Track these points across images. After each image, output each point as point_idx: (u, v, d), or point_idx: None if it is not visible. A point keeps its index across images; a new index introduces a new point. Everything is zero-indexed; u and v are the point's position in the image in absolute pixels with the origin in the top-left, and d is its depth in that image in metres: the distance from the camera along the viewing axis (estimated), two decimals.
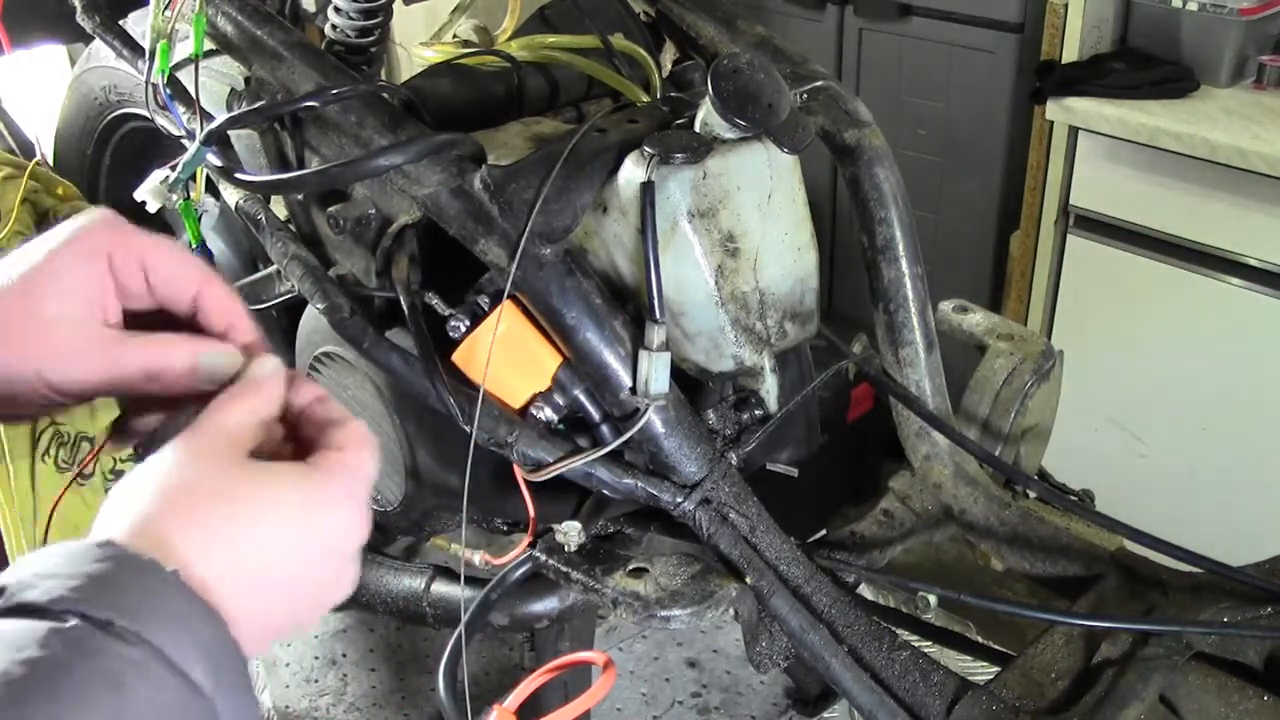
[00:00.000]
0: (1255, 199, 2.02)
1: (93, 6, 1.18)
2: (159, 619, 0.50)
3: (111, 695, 0.47)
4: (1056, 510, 1.05)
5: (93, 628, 0.49)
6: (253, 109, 0.97)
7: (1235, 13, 2.11)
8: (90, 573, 0.51)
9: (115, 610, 0.49)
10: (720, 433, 0.93)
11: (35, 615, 0.49)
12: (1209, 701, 0.86)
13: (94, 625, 0.49)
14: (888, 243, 1.05)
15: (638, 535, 0.94)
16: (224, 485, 0.57)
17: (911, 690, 0.87)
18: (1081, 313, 2.35)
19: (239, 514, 0.56)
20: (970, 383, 1.12)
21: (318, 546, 0.59)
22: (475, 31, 1.20)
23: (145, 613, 0.50)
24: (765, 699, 1.86)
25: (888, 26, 2.50)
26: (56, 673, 0.47)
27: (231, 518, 0.56)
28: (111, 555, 0.52)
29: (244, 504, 0.57)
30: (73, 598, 0.49)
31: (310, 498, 0.59)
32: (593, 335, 0.83)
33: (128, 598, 0.50)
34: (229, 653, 0.53)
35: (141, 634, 0.49)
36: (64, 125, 1.51)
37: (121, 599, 0.50)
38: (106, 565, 0.51)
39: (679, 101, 0.96)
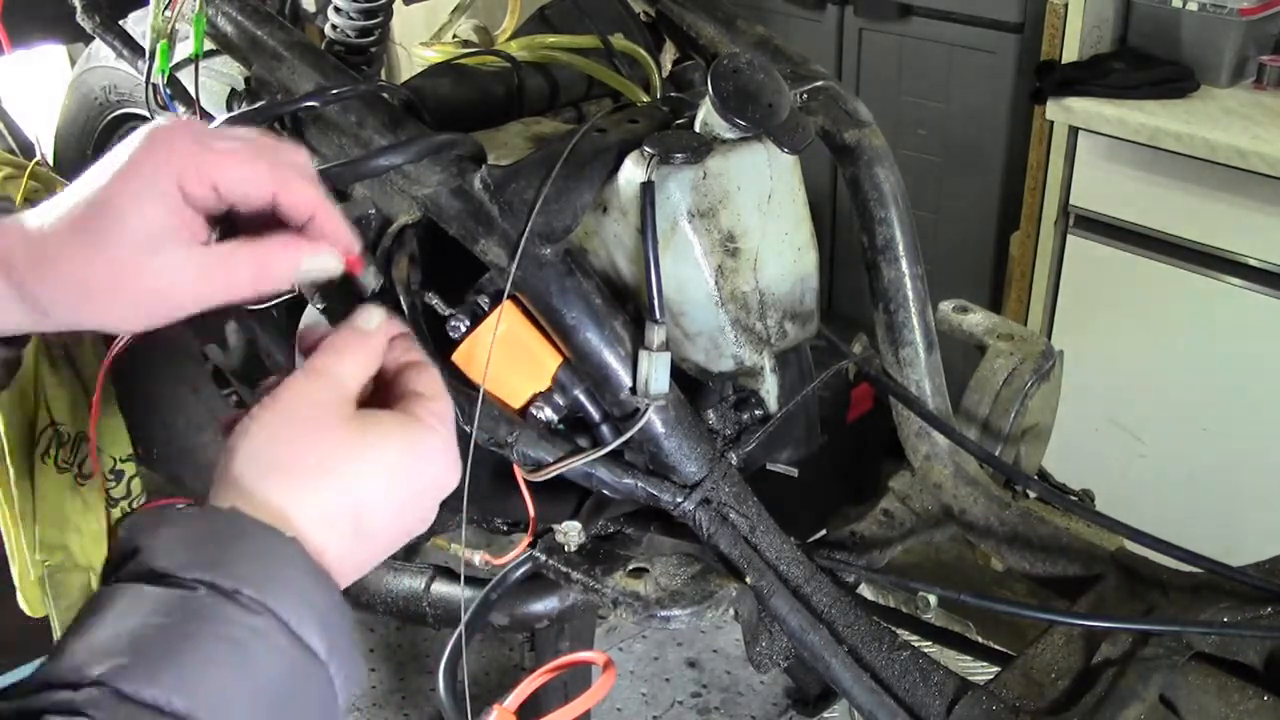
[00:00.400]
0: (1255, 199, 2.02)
1: (93, 6, 1.18)
2: (279, 588, 0.52)
3: (235, 660, 0.50)
4: (1056, 510, 1.05)
5: (220, 596, 0.51)
6: (253, 109, 0.97)
7: (1235, 13, 2.11)
8: (217, 542, 0.53)
9: (240, 579, 0.51)
10: (720, 433, 0.93)
11: (166, 582, 0.51)
12: (1209, 701, 0.86)
13: (221, 594, 0.51)
14: (888, 243, 1.05)
15: (638, 535, 0.94)
16: (336, 449, 0.59)
17: (911, 690, 0.87)
18: (1081, 313, 2.35)
19: (350, 479, 0.58)
20: (970, 383, 1.12)
21: (415, 494, 0.61)
22: (475, 31, 1.20)
23: (268, 582, 0.52)
24: (765, 699, 1.86)
25: (888, 26, 2.50)
26: (185, 638, 0.49)
27: (344, 483, 0.58)
28: (236, 524, 0.54)
29: (354, 466, 0.59)
30: (202, 566, 0.51)
31: (413, 449, 0.61)
32: (593, 335, 0.83)
33: (252, 567, 0.52)
34: (341, 618, 0.55)
35: (265, 603, 0.51)
36: (64, 125, 1.51)
37: (246, 568, 0.52)
38: (232, 534, 0.54)
39: (679, 101, 0.96)
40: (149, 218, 0.65)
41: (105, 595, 0.52)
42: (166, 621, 0.50)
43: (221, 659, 0.50)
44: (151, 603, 0.51)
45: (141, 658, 0.48)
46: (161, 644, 0.49)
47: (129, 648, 0.49)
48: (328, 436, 0.59)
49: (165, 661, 0.49)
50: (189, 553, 0.52)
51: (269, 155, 0.68)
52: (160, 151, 0.66)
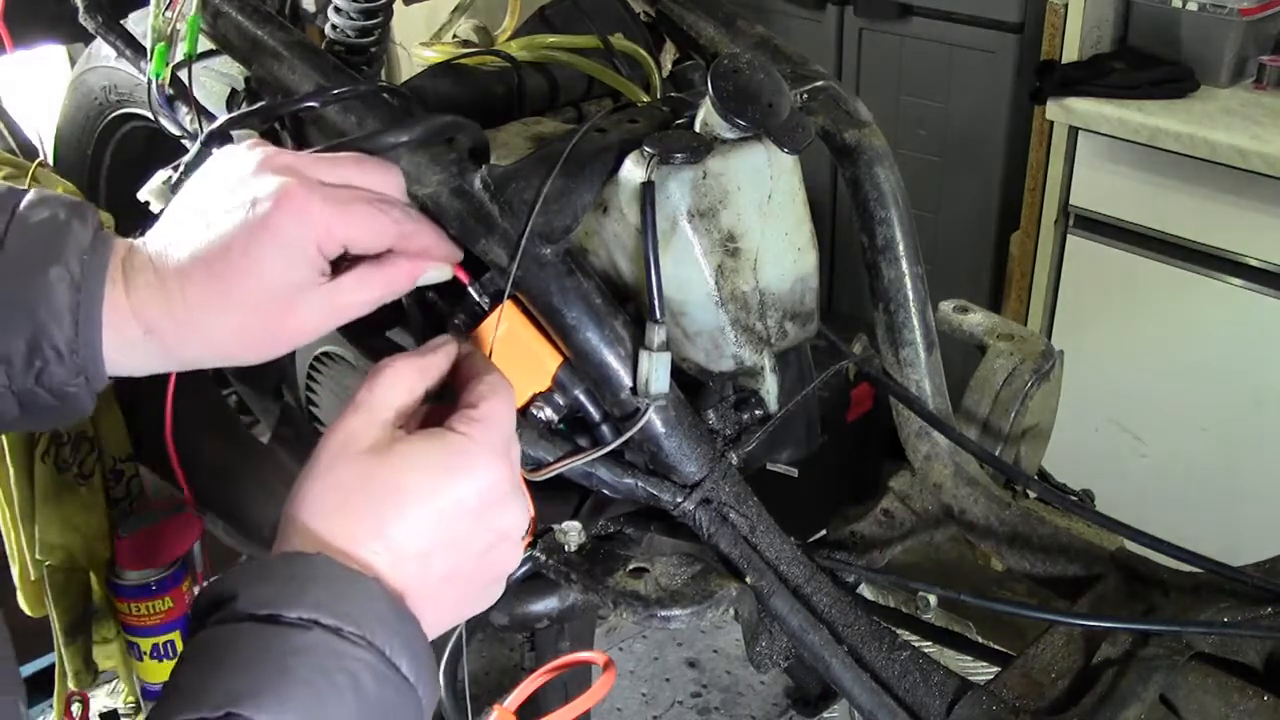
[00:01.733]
0: (1255, 199, 2.02)
1: (95, 6, 1.18)
2: (374, 622, 0.57)
3: (351, 688, 0.55)
4: (1056, 510, 1.05)
5: (329, 634, 0.56)
6: (252, 110, 0.97)
7: (1235, 13, 2.11)
8: (314, 584, 0.57)
9: (342, 617, 0.56)
10: (720, 433, 0.93)
11: (275, 622, 0.56)
12: (1209, 701, 0.86)
13: (329, 631, 0.56)
14: (888, 243, 1.05)
15: (638, 535, 0.94)
16: (374, 481, 0.62)
17: (911, 690, 0.87)
18: (1081, 313, 2.35)
19: (406, 510, 0.62)
20: (970, 383, 1.12)
21: (462, 507, 0.64)
22: (475, 31, 1.20)
23: (363, 618, 0.57)
24: (765, 699, 1.86)
25: (888, 26, 2.50)
26: (309, 671, 0.54)
27: (395, 513, 0.62)
28: (326, 568, 0.59)
29: (396, 498, 0.62)
30: (308, 607, 0.56)
31: (442, 464, 0.64)
32: (593, 335, 0.83)
33: (349, 606, 0.57)
34: (422, 645, 0.60)
35: (365, 637, 0.56)
36: (64, 125, 1.51)
37: (345, 607, 0.57)
38: (325, 577, 0.58)
39: (679, 101, 0.96)
40: (290, 277, 0.70)
41: (214, 639, 0.56)
42: (284, 657, 0.54)
43: (341, 688, 0.55)
44: (269, 641, 0.55)
45: (268, 690, 0.53)
46: (285, 676, 0.54)
47: (256, 682, 0.53)
48: (367, 470, 0.63)
49: (291, 691, 0.53)
50: (294, 597, 0.57)
51: (389, 211, 0.74)
52: (300, 215, 0.70)
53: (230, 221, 0.69)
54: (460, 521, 0.63)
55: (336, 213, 0.70)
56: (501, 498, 0.65)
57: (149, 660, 1.56)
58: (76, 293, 0.66)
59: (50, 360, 0.66)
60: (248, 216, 0.68)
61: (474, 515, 0.64)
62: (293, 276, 0.69)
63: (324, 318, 0.72)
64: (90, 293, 0.67)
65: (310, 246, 0.69)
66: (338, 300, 0.71)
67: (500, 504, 0.65)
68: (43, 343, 0.66)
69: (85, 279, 0.66)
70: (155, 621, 1.53)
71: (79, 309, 0.66)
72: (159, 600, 1.52)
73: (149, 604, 1.52)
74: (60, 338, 0.66)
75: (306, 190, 0.70)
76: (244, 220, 0.68)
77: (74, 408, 0.69)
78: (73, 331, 0.66)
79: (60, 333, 0.66)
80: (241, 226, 0.68)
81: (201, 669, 0.54)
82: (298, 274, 0.69)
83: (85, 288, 0.66)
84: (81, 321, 0.66)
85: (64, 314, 0.66)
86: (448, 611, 0.66)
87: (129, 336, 0.68)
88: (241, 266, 0.68)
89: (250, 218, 0.68)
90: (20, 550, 1.47)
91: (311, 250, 0.70)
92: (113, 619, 1.56)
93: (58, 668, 1.57)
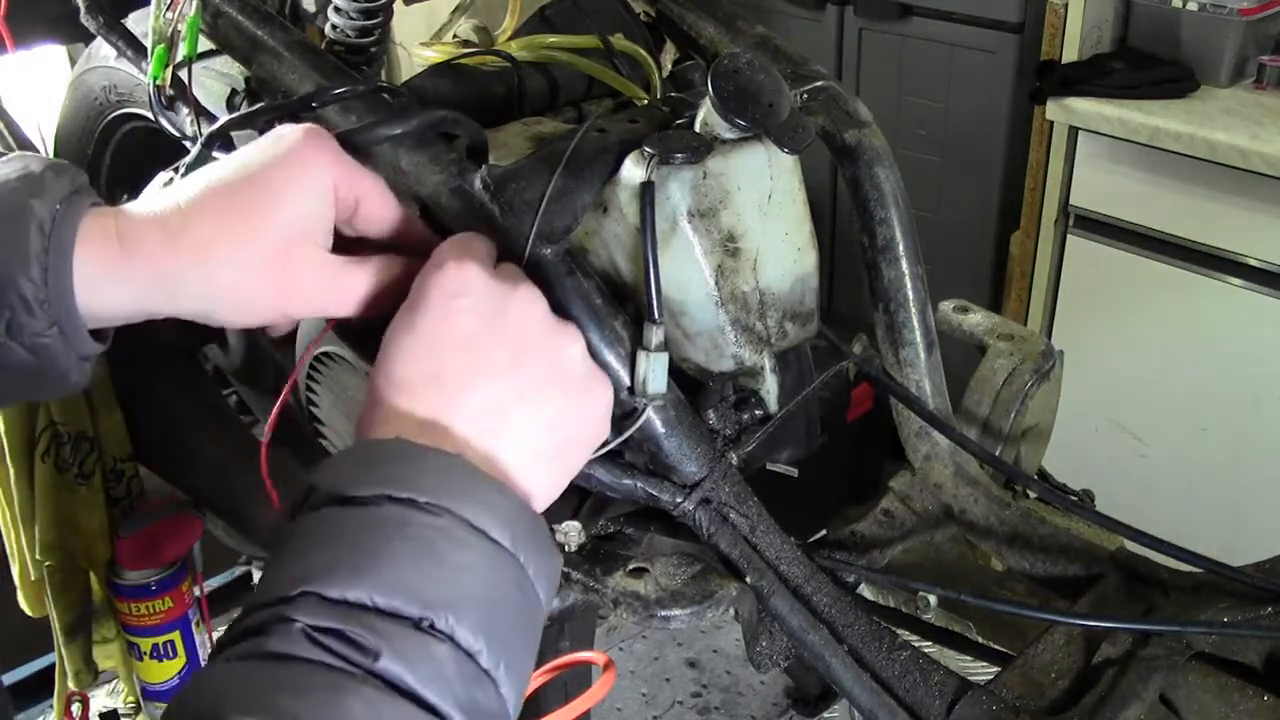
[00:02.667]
0: (1255, 199, 2.02)
1: (96, 7, 1.18)
2: (453, 491, 0.58)
3: (425, 555, 0.55)
4: (1057, 510, 1.05)
5: (402, 505, 0.56)
6: (252, 111, 0.97)
7: (1235, 13, 2.11)
8: (388, 463, 0.58)
9: (417, 490, 0.57)
10: (720, 433, 0.93)
11: (348, 503, 0.56)
12: (1209, 701, 0.86)
13: (401, 504, 0.56)
14: (888, 243, 1.05)
15: (638, 535, 0.94)
16: (451, 365, 0.64)
17: (912, 690, 0.87)
18: (1081, 313, 2.36)
19: (481, 381, 0.64)
20: (970, 383, 1.12)
21: (519, 350, 0.67)
22: (475, 31, 1.20)
23: (440, 488, 0.57)
24: (765, 699, 1.86)
25: (888, 26, 2.50)
26: (376, 543, 0.54)
27: (469, 382, 0.64)
28: (403, 448, 0.59)
29: (463, 371, 0.64)
30: (378, 484, 0.57)
31: (421, 297, 0.66)
32: (593, 335, 0.83)
33: (424, 480, 0.57)
34: (520, 515, 0.60)
35: (442, 505, 0.57)
36: (64, 125, 1.51)
37: (420, 481, 0.57)
38: (402, 456, 0.59)
39: (679, 101, 0.96)
40: (304, 205, 0.69)
41: (294, 528, 0.57)
42: (357, 533, 0.55)
43: (414, 556, 0.54)
44: (339, 521, 0.56)
45: (339, 566, 0.53)
46: (357, 551, 0.54)
47: (327, 560, 0.54)
48: (434, 347, 0.65)
49: (362, 565, 0.53)
50: (365, 476, 0.57)
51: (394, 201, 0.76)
52: (322, 149, 0.70)
53: (249, 154, 0.69)
54: (523, 365, 0.66)
55: (357, 168, 0.72)
56: (545, 323, 0.69)
57: (149, 660, 1.56)
58: (45, 238, 0.64)
59: (17, 308, 0.63)
60: (271, 149, 0.69)
61: (534, 353, 0.67)
62: (306, 206, 0.68)
63: (320, 287, 0.70)
64: (61, 239, 0.64)
65: (328, 183, 0.69)
66: (338, 276, 0.71)
67: (548, 330, 0.69)
68: (8, 291, 0.63)
69: (57, 226, 0.64)
70: (155, 621, 1.53)
71: (48, 255, 0.64)
72: (159, 600, 1.52)
73: (149, 604, 1.52)
74: (27, 286, 0.63)
75: (327, 134, 0.71)
76: (267, 150, 0.68)
77: (54, 367, 0.66)
78: (41, 278, 0.63)
79: (27, 281, 0.63)
80: (264, 156, 0.68)
81: (282, 556, 0.55)
82: (310, 205, 0.68)
83: (56, 234, 0.64)
84: (51, 268, 0.64)
85: (30, 260, 0.63)
86: (551, 462, 0.67)
87: (110, 268, 0.65)
88: (256, 186, 0.67)
89: (274, 149, 0.68)
90: (20, 550, 1.47)
91: (329, 189, 0.69)
92: (113, 619, 1.56)
93: (58, 668, 1.57)
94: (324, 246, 0.70)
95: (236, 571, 1.97)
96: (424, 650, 0.53)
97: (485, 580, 0.57)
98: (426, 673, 0.52)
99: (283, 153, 0.68)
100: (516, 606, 0.59)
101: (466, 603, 0.55)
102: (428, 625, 0.53)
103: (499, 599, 0.57)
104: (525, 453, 0.65)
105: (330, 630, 0.51)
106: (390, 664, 0.51)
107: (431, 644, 0.53)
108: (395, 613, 0.53)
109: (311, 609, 0.52)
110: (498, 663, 0.55)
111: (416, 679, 0.52)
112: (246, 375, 1.49)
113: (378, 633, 0.52)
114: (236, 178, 0.67)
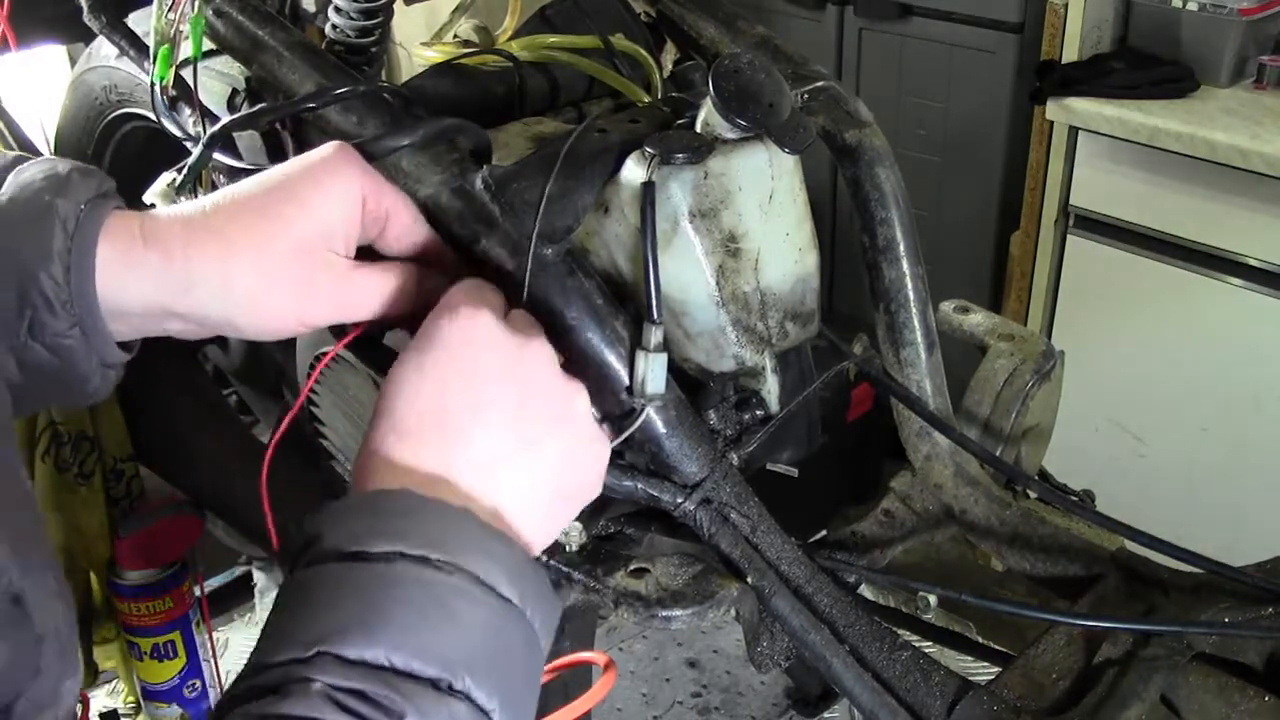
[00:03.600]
0: (1255, 199, 2.02)
1: (99, 6, 1.18)
2: (463, 548, 0.57)
3: (442, 615, 0.54)
4: (1057, 510, 1.05)
5: (415, 563, 0.55)
6: (252, 113, 0.97)
7: (1235, 13, 2.11)
8: (397, 518, 0.57)
9: (428, 546, 0.56)
10: (721, 433, 0.93)
11: (359, 559, 0.55)
12: (1209, 701, 0.86)
13: (414, 561, 0.55)
14: (888, 243, 1.05)
15: (639, 535, 0.94)
16: (456, 411, 0.63)
17: (912, 690, 0.87)
18: (1081, 313, 2.36)
19: (486, 427, 0.63)
20: (971, 383, 1.12)
21: (525, 404, 0.66)
22: (476, 31, 1.20)
23: (451, 544, 0.57)
24: (765, 699, 1.86)
25: (888, 26, 2.50)
26: (393, 603, 0.54)
27: (473, 433, 0.63)
28: (409, 501, 0.59)
29: (469, 418, 0.63)
30: (390, 540, 0.56)
31: (427, 339, 0.66)
32: (594, 335, 0.83)
33: (435, 535, 0.57)
34: (525, 568, 0.59)
35: (454, 562, 0.56)
36: (64, 125, 1.51)
37: (430, 537, 0.56)
38: (409, 510, 0.58)
39: (680, 101, 0.96)
40: (328, 212, 0.69)
41: (300, 584, 0.56)
42: (370, 591, 0.54)
43: (429, 616, 0.54)
44: (350, 578, 0.55)
45: (354, 626, 0.53)
46: (372, 611, 0.53)
47: (341, 620, 0.53)
48: (438, 395, 0.64)
49: (379, 625, 0.53)
50: (373, 530, 0.56)
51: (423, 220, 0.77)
52: (352, 162, 0.71)
53: (280, 168, 0.70)
54: (528, 415, 0.65)
55: (385, 183, 0.73)
56: (554, 375, 0.69)
57: (149, 660, 1.56)
58: (68, 237, 0.64)
59: (39, 306, 0.64)
60: (301, 161, 0.70)
61: (540, 404, 0.66)
62: (332, 213, 0.69)
63: (337, 289, 0.70)
64: (84, 237, 0.64)
65: (356, 193, 0.70)
66: (355, 280, 0.71)
67: (556, 382, 0.68)
68: (30, 289, 0.64)
69: (81, 225, 0.64)
70: (155, 621, 1.53)
71: (70, 254, 0.64)
72: (159, 600, 1.52)
73: (149, 604, 1.52)
74: (48, 283, 0.64)
75: (358, 153, 0.72)
76: (296, 163, 0.70)
77: (75, 370, 0.67)
78: (63, 276, 0.64)
79: (49, 278, 0.64)
80: (292, 167, 0.69)
81: (291, 612, 0.54)
82: (335, 219, 0.69)
83: (79, 233, 0.64)
84: (74, 266, 0.64)
85: (53, 257, 0.64)
86: (547, 514, 0.66)
87: (131, 260, 0.66)
88: (285, 191, 0.68)
89: (303, 161, 0.70)
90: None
91: (356, 199, 0.70)
92: (113, 619, 1.56)
93: None
94: (344, 254, 0.71)
95: (236, 571, 1.97)
96: (445, 711, 0.52)
97: (497, 639, 0.56)
98: None
99: (312, 164, 0.69)
100: (525, 662, 0.59)
101: (481, 663, 0.54)
102: (446, 686, 0.53)
103: (510, 657, 0.57)
104: (525, 502, 0.65)
105: (352, 691, 0.51)
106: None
107: (452, 704, 0.53)
108: (414, 674, 0.52)
109: (329, 669, 0.51)
110: (509, 719, 0.56)
111: None
112: (246, 375, 1.49)
113: (401, 693, 0.51)
114: (264, 185, 0.69)
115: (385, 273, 0.72)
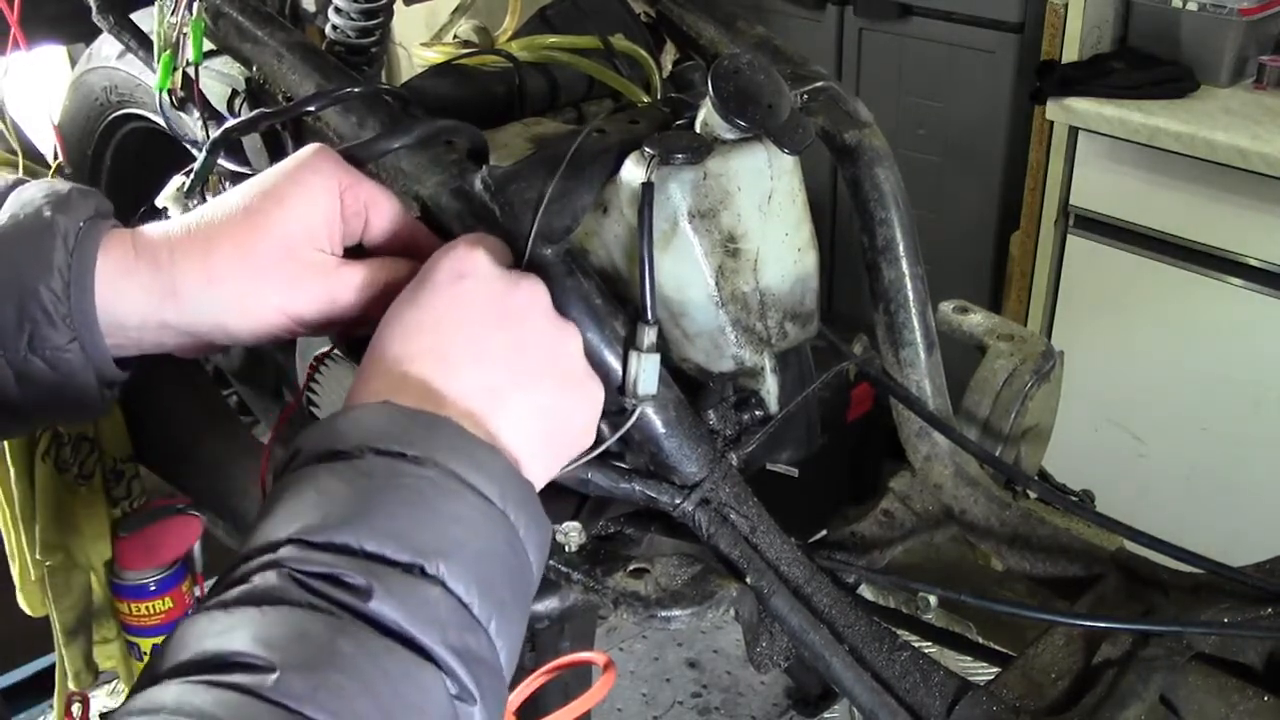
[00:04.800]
0: (1255, 199, 2.02)
1: (108, 6, 1.18)
2: (441, 447, 0.57)
3: (414, 503, 0.54)
4: (1056, 510, 1.05)
5: (388, 458, 0.56)
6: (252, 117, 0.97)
7: (1235, 13, 2.11)
8: (375, 422, 0.58)
9: (404, 444, 0.56)
10: (721, 433, 0.93)
11: (334, 458, 0.56)
12: (1209, 702, 0.86)
13: (388, 455, 0.56)
14: (888, 243, 1.05)
15: (638, 536, 0.94)
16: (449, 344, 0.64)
17: (912, 690, 0.87)
18: (1081, 313, 2.36)
19: (479, 362, 0.64)
20: (970, 383, 1.12)
21: (516, 331, 0.68)
22: (475, 32, 1.20)
23: (428, 443, 0.57)
24: (765, 699, 1.86)
25: (888, 26, 2.50)
26: (365, 492, 0.54)
27: (476, 369, 0.64)
28: (389, 410, 0.59)
29: (461, 351, 0.64)
30: (366, 438, 0.56)
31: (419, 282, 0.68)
32: (593, 335, 0.83)
33: (412, 435, 0.57)
34: (509, 475, 0.59)
35: (431, 458, 0.56)
36: (65, 125, 1.51)
37: (407, 437, 0.57)
38: (389, 415, 0.59)
39: (679, 102, 0.96)
40: (308, 208, 0.70)
41: (278, 486, 0.57)
42: (342, 484, 0.54)
43: (402, 503, 0.54)
44: (324, 475, 0.55)
45: (327, 515, 0.53)
46: (341, 500, 0.54)
47: (314, 509, 0.53)
48: (434, 317, 0.65)
49: (349, 513, 0.53)
50: (351, 433, 0.57)
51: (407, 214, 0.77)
52: (330, 161, 0.72)
53: (263, 175, 0.71)
54: (520, 351, 0.66)
55: (362, 177, 0.74)
56: (548, 315, 0.70)
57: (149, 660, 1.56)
58: (68, 252, 0.65)
59: (39, 320, 0.65)
60: (280, 166, 0.71)
61: (533, 341, 0.68)
62: (312, 213, 0.70)
63: (323, 284, 0.71)
64: (84, 252, 0.66)
65: (334, 187, 0.71)
66: (342, 274, 0.71)
67: (549, 322, 0.70)
68: (30, 303, 0.65)
69: (80, 240, 0.66)
70: (155, 621, 1.53)
71: (70, 269, 0.65)
72: (159, 600, 1.52)
73: (149, 604, 1.52)
74: (48, 297, 0.65)
75: (335, 153, 0.74)
76: (276, 168, 0.71)
77: (73, 385, 0.67)
78: (63, 290, 0.65)
79: (48, 291, 0.65)
80: (273, 172, 0.71)
81: (266, 512, 0.55)
82: (315, 214, 0.70)
83: (79, 248, 0.66)
84: (73, 281, 0.65)
85: (53, 271, 0.65)
86: (537, 453, 0.67)
87: (125, 270, 0.67)
88: (266, 195, 0.69)
89: (283, 166, 0.71)
90: (20, 550, 1.47)
91: (334, 193, 0.71)
92: (113, 619, 1.56)
93: (58, 668, 1.57)
94: (329, 250, 0.71)
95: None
96: (416, 593, 0.51)
97: (475, 532, 0.55)
98: (420, 614, 0.51)
99: (290, 166, 0.71)
100: (508, 564, 0.57)
101: (457, 552, 0.53)
102: (418, 570, 0.52)
103: (489, 553, 0.56)
104: (517, 435, 0.65)
105: (319, 575, 0.50)
106: (382, 605, 0.50)
107: (425, 587, 0.52)
108: (384, 558, 0.52)
109: (298, 555, 0.51)
110: (490, 618, 0.54)
111: (409, 620, 0.50)
112: (246, 375, 1.49)
113: (369, 574, 0.51)
114: (247, 190, 0.70)
115: (374, 268, 0.72)
